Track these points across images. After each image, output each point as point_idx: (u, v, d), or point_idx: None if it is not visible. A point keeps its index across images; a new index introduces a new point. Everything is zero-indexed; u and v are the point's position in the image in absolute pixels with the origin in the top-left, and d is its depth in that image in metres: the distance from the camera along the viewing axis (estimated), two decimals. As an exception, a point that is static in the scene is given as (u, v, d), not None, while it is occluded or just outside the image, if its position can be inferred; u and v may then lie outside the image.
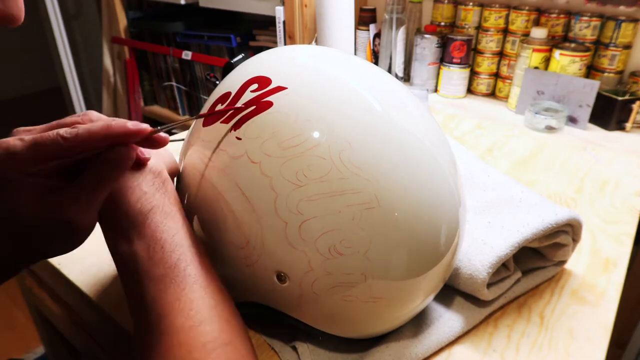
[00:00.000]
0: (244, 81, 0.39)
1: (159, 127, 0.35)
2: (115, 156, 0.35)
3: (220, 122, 0.39)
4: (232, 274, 0.40)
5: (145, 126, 0.35)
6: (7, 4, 0.28)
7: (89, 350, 0.64)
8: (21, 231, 0.34)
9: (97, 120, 0.36)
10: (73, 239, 0.36)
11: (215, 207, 0.38)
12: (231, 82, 0.41)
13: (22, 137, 0.32)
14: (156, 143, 0.36)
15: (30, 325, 1.15)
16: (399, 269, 0.36)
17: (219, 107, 0.40)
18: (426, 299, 0.42)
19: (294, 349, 0.44)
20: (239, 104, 0.38)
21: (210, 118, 0.40)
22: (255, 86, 0.38)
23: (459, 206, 0.39)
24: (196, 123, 0.42)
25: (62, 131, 0.32)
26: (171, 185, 0.40)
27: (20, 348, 1.43)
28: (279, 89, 0.37)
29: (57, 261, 0.57)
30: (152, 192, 0.37)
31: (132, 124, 0.34)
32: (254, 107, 0.37)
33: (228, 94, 0.40)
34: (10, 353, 1.41)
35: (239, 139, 0.37)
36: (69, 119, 0.36)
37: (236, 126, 0.37)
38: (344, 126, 0.35)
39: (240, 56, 0.45)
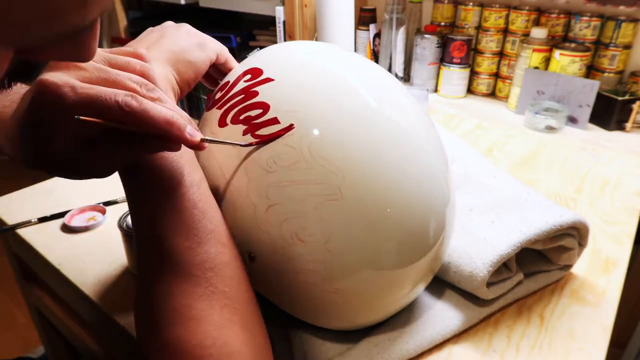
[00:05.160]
0: (242, 72, 0.42)
1: (206, 138, 0.35)
2: (165, 147, 0.34)
3: (216, 108, 0.41)
4: None
5: (199, 136, 0.34)
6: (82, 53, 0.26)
7: (89, 350, 0.64)
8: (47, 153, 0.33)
9: (154, 91, 0.33)
10: (84, 176, 0.35)
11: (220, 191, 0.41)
12: (233, 72, 0.44)
13: (74, 85, 0.30)
14: (194, 147, 0.35)
15: (30, 325, 1.15)
16: (358, 262, 0.36)
17: (218, 95, 0.42)
18: (396, 297, 0.41)
19: (287, 339, 0.44)
20: (232, 93, 0.40)
21: (210, 104, 0.43)
22: (248, 77, 0.40)
23: (447, 203, 0.39)
24: (205, 109, 0.45)
25: (121, 99, 0.30)
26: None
27: (20, 348, 1.43)
28: (267, 80, 0.39)
29: (57, 261, 0.57)
30: None
31: (190, 133, 0.33)
32: (242, 95, 0.39)
33: (227, 82, 0.42)
34: (10, 353, 1.41)
35: (226, 124, 0.39)
36: (126, 63, 0.34)
37: (226, 112, 0.40)
38: (319, 118, 0.36)
39: (256, 50, 0.48)
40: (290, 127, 0.36)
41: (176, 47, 0.40)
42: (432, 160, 0.39)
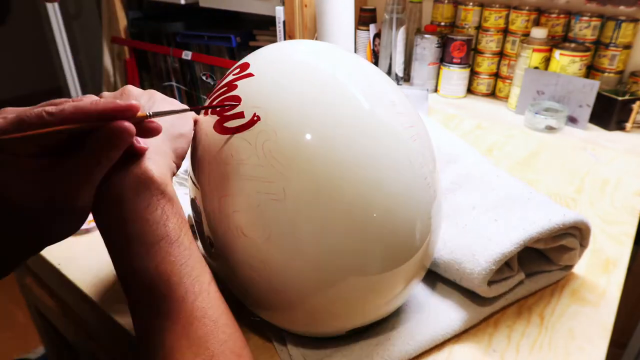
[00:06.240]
0: (236, 65, 0.43)
1: (151, 112, 0.32)
2: (113, 131, 0.31)
3: (208, 98, 0.43)
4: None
5: (136, 103, 0.31)
6: None
7: (89, 350, 0.64)
8: (12, 214, 0.31)
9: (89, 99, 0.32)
10: (71, 220, 0.33)
11: (195, 173, 0.42)
12: (232, 67, 0.44)
13: (5, 115, 0.30)
14: (148, 131, 0.33)
15: (30, 325, 1.15)
16: (294, 267, 0.36)
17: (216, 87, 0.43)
18: (379, 301, 0.40)
19: (284, 338, 0.44)
20: (222, 84, 0.42)
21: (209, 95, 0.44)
22: (237, 70, 0.41)
23: (432, 202, 0.39)
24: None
25: (48, 107, 0.30)
26: (177, 203, 0.35)
27: (20, 348, 1.43)
28: (249, 75, 0.40)
29: (57, 261, 0.57)
30: (157, 219, 0.33)
31: (122, 100, 0.31)
32: (225, 87, 0.40)
33: (225, 76, 0.43)
34: (10, 353, 1.41)
35: (206, 114, 0.41)
36: (59, 99, 0.33)
37: (211, 103, 0.41)
38: (278, 117, 0.36)
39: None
40: (252, 122, 0.36)
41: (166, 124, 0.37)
42: (412, 159, 0.37)
